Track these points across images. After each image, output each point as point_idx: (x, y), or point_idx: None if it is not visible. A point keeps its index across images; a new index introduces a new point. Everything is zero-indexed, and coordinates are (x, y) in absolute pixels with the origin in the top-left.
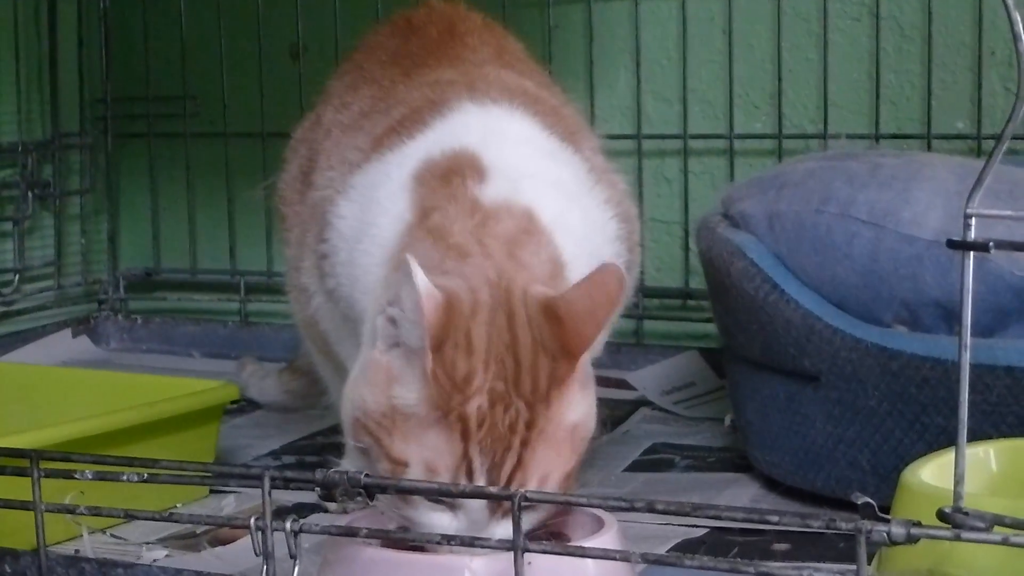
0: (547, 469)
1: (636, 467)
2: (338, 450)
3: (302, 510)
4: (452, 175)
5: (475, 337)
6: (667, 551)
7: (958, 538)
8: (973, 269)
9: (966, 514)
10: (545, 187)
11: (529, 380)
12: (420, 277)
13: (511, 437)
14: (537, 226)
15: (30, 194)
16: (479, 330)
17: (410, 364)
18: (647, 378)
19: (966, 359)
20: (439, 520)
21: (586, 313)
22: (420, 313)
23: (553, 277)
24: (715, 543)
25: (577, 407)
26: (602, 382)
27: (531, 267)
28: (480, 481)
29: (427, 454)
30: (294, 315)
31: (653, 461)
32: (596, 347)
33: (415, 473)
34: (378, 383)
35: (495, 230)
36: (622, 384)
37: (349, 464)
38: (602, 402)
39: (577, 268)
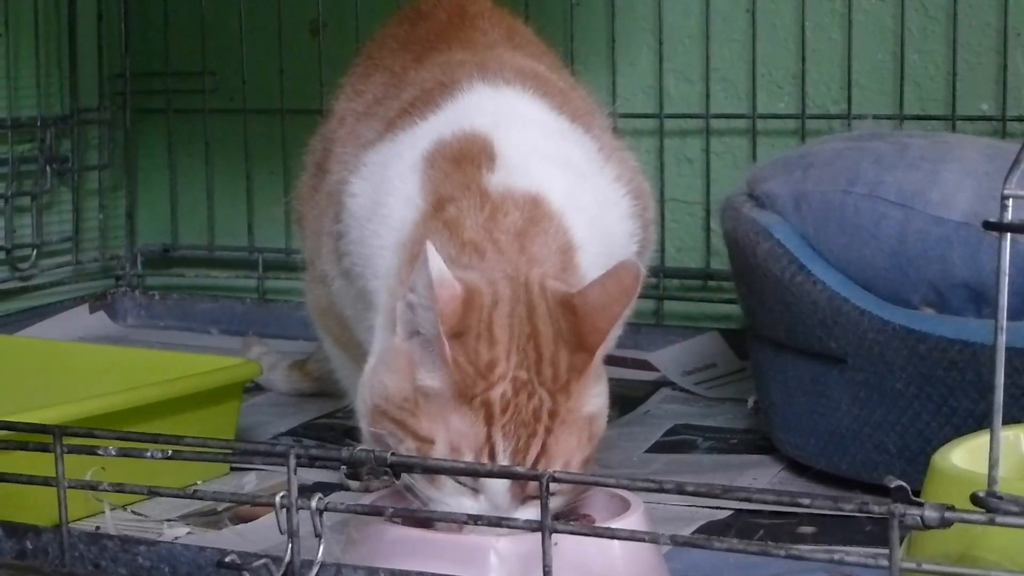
0: (568, 456)
1: (658, 448)
2: (353, 436)
3: (323, 489)
4: (464, 160)
5: (497, 328)
6: (692, 533)
7: (992, 522)
8: None
9: (1000, 498)
10: (556, 169)
11: (550, 370)
12: (436, 264)
13: (535, 424)
14: (545, 213)
15: (48, 169)
16: (501, 321)
17: (431, 351)
18: (668, 358)
19: (1002, 341)
20: (463, 503)
21: (602, 308)
22: (434, 299)
23: (564, 267)
24: (740, 525)
25: (593, 400)
26: (623, 362)
27: (542, 260)
28: (503, 464)
29: (451, 435)
30: (310, 311)
31: (675, 442)
32: (610, 341)
33: (440, 452)
34: (400, 369)
35: (504, 224)
36: (643, 364)
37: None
38: (621, 383)
39: (590, 249)
